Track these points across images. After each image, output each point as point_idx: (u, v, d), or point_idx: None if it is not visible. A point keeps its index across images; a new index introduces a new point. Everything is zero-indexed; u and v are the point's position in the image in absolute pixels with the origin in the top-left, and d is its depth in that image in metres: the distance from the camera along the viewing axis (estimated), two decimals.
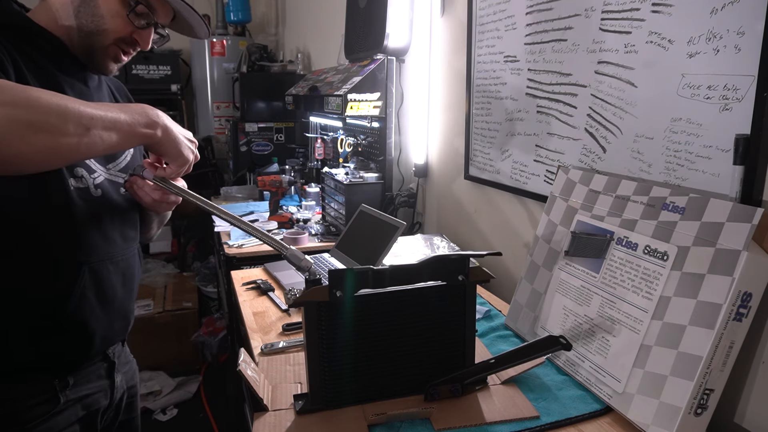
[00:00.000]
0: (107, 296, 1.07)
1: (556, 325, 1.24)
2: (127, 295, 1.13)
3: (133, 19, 1.01)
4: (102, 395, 1.13)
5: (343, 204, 2.22)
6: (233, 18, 4.44)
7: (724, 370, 0.93)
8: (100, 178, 1.06)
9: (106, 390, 1.14)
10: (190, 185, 1.11)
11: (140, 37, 1.04)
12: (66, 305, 1.00)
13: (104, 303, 1.07)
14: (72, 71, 1.04)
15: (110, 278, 1.07)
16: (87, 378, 1.09)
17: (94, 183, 1.05)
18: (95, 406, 1.11)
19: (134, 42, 1.05)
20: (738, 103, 0.97)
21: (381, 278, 1.00)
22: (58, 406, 1.03)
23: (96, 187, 1.05)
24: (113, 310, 1.09)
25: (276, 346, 1.27)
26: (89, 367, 1.10)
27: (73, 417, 1.06)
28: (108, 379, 1.14)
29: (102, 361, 1.13)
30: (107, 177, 1.09)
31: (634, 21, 1.18)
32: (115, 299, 1.09)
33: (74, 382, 1.06)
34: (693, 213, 1.00)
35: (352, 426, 0.98)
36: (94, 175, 1.05)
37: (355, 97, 2.16)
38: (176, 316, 3.32)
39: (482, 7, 1.75)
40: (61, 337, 1.01)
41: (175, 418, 2.86)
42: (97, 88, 1.13)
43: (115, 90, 1.22)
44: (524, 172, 1.61)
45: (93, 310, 1.04)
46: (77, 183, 1.01)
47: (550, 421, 1.00)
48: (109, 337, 1.11)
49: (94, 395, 1.11)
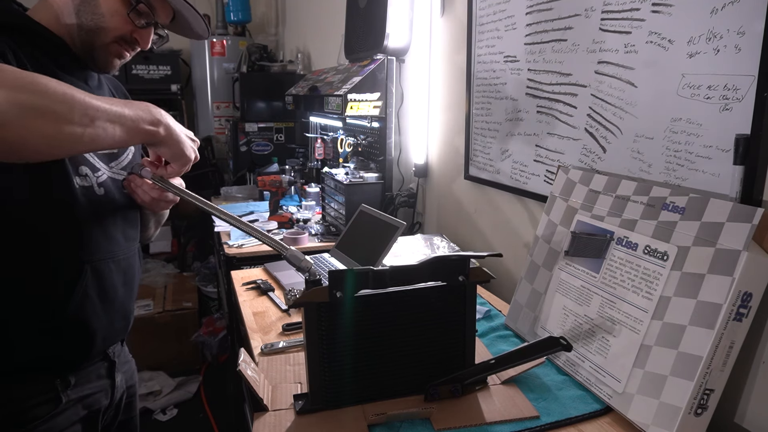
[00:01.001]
0: (108, 296, 1.07)
1: (556, 325, 1.24)
2: (127, 294, 1.14)
3: (133, 17, 1.02)
4: (103, 395, 1.13)
5: (343, 204, 2.22)
6: (233, 18, 4.44)
7: (725, 370, 0.93)
8: (103, 176, 1.07)
9: (106, 389, 1.14)
10: (190, 185, 1.11)
11: (140, 37, 1.05)
12: (67, 305, 1.00)
13: (105, 302, 1.07)
14: (73, 70, 1.04)
15: (112, 277, 1.07)
16: (88, 378, 1.09)
17: (98, 181, 1.05)
18: (96, 405, 1.11)
19: (134, 41, 1.05)
20: (738, 103, 0.97)
21: (381, 279, 1.00)
22: (59, 406, 1.03)
23: (99, 185, 1.05)
24: (114, 309, 1.09)
25: (276, 346, 1.27)
26: (90, 367, 1.10)
27: (75, 417, 1.07)
28: (108, 378, 1.14)
29: (102, 360, 1.13)
30: (110, 175, 1.09)
31: (634, 21, 1.18)
32: (116, 299, 1.09)
33: (75, 382, 1.06)
34: (693, 213, 1.00)
35: (352, 426, 0.98)
36: (98, 173, 1.06)
37: (355, 97, 2.15)
38: (176, 316, 3.32)
39: (482, 7, 1.75)
40: (63, 337, 1.01)
41: (175, 418, 2.86)
42: (98, 86, 1.13)
43: (113, 89, 1.22)
44: (524, 172, 1.61)
45: (94, 310, 1.04)
46: (82, 181, 1.02)
47: (550, 421, 1.00)
48: (109, 337, 1.11)
49: (95, 395, 1.11)
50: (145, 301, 3.41)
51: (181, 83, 4.50)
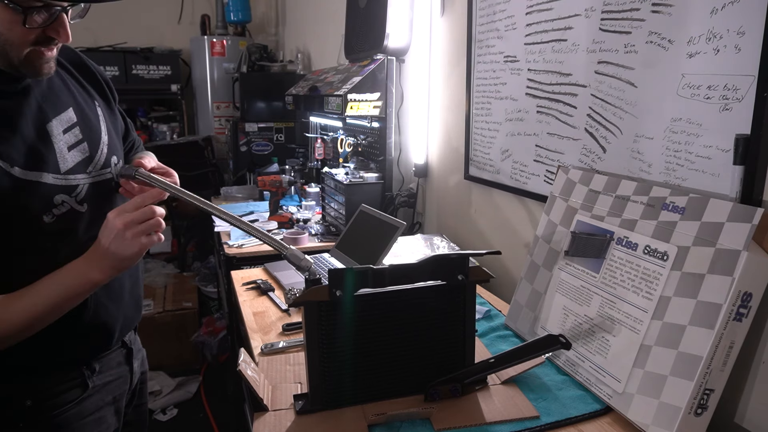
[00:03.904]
0: (116, 293, 1.10)
1: (556, 325, 1.24)
2: (134, 283, 1.17)
3: (31, 22, 0.88)
4: (122, 381, 1.18)
5: (343, 204, 2.22)
6: (233, 18, 4.45)
7: (724, 370, 0.92)
8: (83, 190, 1.02)
9: (126, 376, 1.19)
10: (191, 185, 1.10)
11: (54, 32, 0.92)
12: (84, 315, 1.03)
13: (116, 300, 1.10)
14: (9, 83, 0.96)
15: (117, 276, 1.07)
16: (109, 364, 1.14)
17: (78, 200, 1.01)
18: (119, 391, 1.16)
19: (51, 39, 0.93)
20: (738, 103, 0.97)
21: (381, 278, 1.00)
22: (86, 391, 1.08)
23: (81, 202, 1.01)
24: (125, 302, 1.13)
25: (276, 346, 1.27)
26: (111, 354, 1.15)
27: (101, 402, 1.11)
28: (127, 365, 1.19)
29: (121, 347, 1.18)
30: (91, 181, 1.04)
31: (634, 21, 1.18)
32: (124, 292, 1.12)
33: (100, 368, 1.11)
34: (693, 213, 1.00)
35: (352, 426, 0.98)
36: (77, 191, 1.01)
37: (355, 97, 2.16)
38: (176, 316, 3.32)
39: (482, 7, 1.75)
40: (84, 341, 1.07)
41: (175, 418, 2.86)
42: (48, 86, 1.03)
43: (69, 64, 1.10)
44: (524, 172, 1.61)
45: (108, 311, 1.08)
46: (59, 210, 0.97)
47: (550, 421, 1.00)
48: (125, 326, 1.16)
49: (116, 381, 1.16)
50: (145, 301, 3.40)
51: (181, 83, 4.50)
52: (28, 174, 0.94)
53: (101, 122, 1.10)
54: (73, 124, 1.03)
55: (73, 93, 1.07)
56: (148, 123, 4.55)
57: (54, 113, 1.01)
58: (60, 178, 0.98)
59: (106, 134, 1.10)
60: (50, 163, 0.97)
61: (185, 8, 4.84)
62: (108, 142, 1.10)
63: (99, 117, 1.10)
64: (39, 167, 0.95)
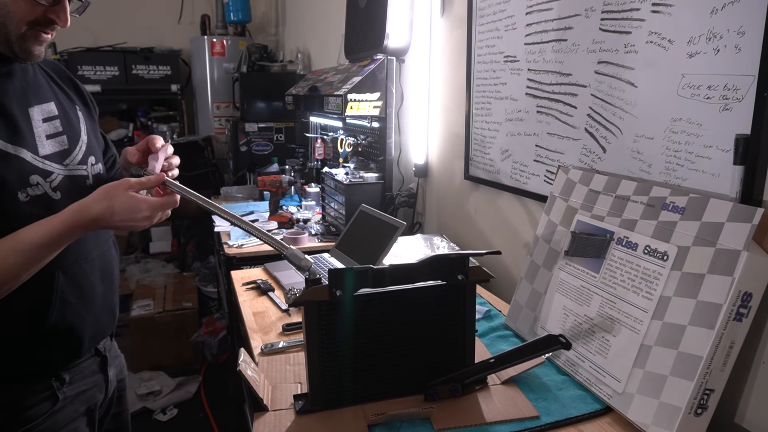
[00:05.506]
0: (87, 296, 1.07)
1: (556, 325, 1.24)
2: (108, 289, 1.13)
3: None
4: (97, 390, 1.15)
5: (343, 204, 2.21)
6: (233, 18, 4.44)
7: (725, 370, 0.93)
8: (57, 179, 1.02)
9: (100, 384, 1.15)
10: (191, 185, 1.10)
11: (55, 15, 0.96)
12: (48, 314, 1.00)
13: (86, 303, 1.07)
14: None
15: (87, 277, 1.07)
16: (82, 374, 1.11)
17: (52, 186, 1.01)
18: (93, 401, 1.13)
19: (50, 21, 0.96)
20: (738, 103, 0.97)
21: (381, 278, 1.00)
22: (57, 403, 1.04)
23: (54, 189, 1.01)
24: (97, 307, 1.09)
25: (276, 346, 1.27)
26: (83, 363, 1.11)
27: (74, 413, 1.08)
28: (102, 373, 1.16)
29: (94, 356, 1.14)
30: (66, 174, 1.04)
31: (634, 21, 1.18)
32: (96, 296, 1.09)
33: (70, 379, 1.08)
34: (693, 213, 1.00)
35: (352, 426, 0.98)
36: (51, 177, 1.01)
37: (355, 97, 2.15)
38: (176, 316, 3.32)
39: (482, 7, 1.75)
40: (51, 345, 1.02)
41: (175, 418, 2.85)
42: (33, 78, 1.06)
43: (53, 73, 1.13)
44: (524, 172, 1.61)
45: (77, 313, 1.05)
46: (33, 191, 0.97)
47: (550, 421, 1.00)
48: (97, 334, 1.12)
49: (90, 390, 1.13)
50: (145, 301, 3.41)
51: (181, 83, 4.50)
52: (8, 147, 0.95)
53: (81, 124, 1.12)
54: (53, 116, 1.05)
55: (55, 92, 1.10)
56: (148, 123, 4.55)
57: (36, 101, 1.03)
58: (37, 159, 1.00)
59: (85, 135, 1.12)
60: (29, 142, 0.99)
61: (185, 8, 4.84)
62: (87, 141, 1.12)
63: (79, 119, 1.12)
64: (19, 143, 0.97)
